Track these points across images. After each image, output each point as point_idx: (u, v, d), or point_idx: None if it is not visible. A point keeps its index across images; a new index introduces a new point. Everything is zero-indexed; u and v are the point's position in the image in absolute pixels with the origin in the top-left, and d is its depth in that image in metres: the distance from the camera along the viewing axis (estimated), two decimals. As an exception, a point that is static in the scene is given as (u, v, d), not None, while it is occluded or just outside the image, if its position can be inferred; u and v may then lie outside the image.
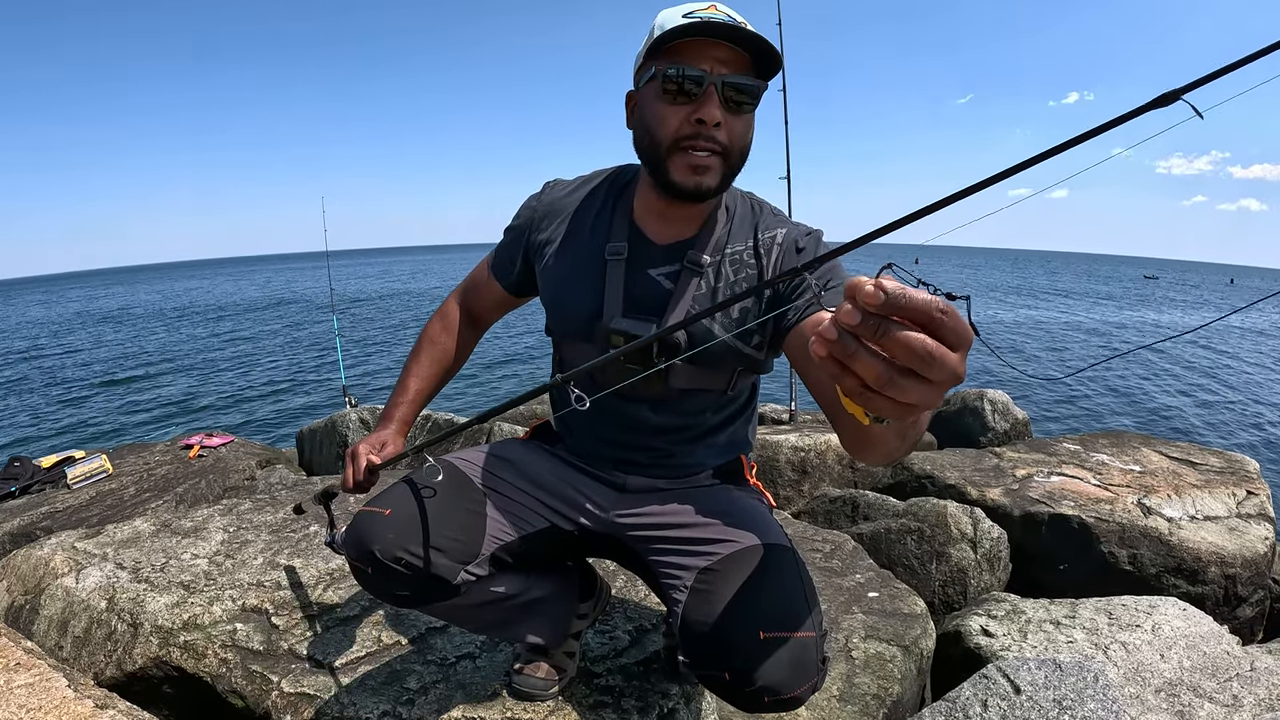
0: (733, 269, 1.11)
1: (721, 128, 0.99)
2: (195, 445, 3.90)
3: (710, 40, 0.97)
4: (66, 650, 1.65)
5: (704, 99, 0.98)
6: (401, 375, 1.34)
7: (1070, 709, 1.33)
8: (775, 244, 1.11)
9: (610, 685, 1.36)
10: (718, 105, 0.98)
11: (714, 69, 0.98)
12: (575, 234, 1.17)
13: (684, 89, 0.98)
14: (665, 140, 1.01)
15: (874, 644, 1.62)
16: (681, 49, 0.98)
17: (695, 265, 1.10)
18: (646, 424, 1.18)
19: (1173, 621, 1.77)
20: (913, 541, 2.42)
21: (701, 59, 0.98)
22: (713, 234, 1.12)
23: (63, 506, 3.16)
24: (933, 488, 2.87)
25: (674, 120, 1.00)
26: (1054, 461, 3.03)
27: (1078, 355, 17.13)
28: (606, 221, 1.15)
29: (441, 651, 1.47)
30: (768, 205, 1.19)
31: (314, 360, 16.26)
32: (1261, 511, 2.61)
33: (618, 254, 1.12)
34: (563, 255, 1.17)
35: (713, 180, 1.02)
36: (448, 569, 1.06)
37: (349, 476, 1.18)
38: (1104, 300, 35.87)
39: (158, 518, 2.24)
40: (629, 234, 1.13)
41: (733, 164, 1.04)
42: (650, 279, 1.11)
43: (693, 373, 1.12)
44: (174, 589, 1.74)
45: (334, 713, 1.31)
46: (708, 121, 0.98)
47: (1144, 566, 2.36)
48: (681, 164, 1.01)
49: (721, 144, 1.01)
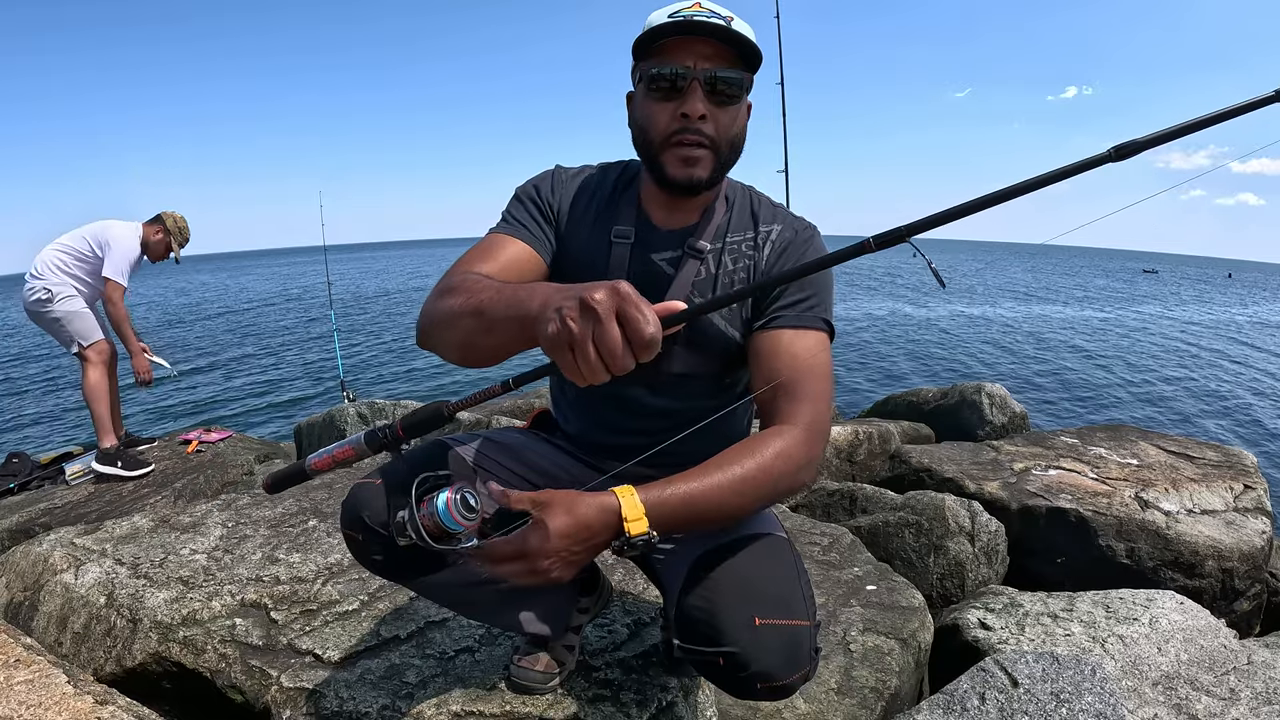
0: (731, 258, 1.14)
1: (708, 120, 1.02)
2: (194, 440, 3.90)
3: (694, 37, 1.00)
4: (66, 646, 1.65)
5: (688, 94, 1.01)
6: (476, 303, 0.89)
7: (1068, 702, 1.34)
8: (770, 239, 1.15)
9: (609, 679, 1.36)
10: (700, 99, 1.01)
11: (697, 64, 1.01)
12: (584, 214, 1.19)
13: (670, 86, 1.02)
14: (657, 137, 1.05)
15: (872, 637, 1.63)
16: (667, 48, 1.02)
17: (696, 251, 1.13)
18: (644, 407, 1.20)
19: (1170, 615, 1.77)
20: (911, 535, 2.43)
21: (685, 56, 1.01)
22: (713, 222, 1.15)
23: (61, 502, 3.16)
24: (930, 481, 2.88)
25: (663, 117, 1.03)
26: (1052, 455, 3.04)
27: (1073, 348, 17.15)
28: (615, 205, 1.18)
29: (440, 645, 1.47)
30: (766, 198, 1.22)
31: (312, 355, 16.25)
32: (1259, 505, 2.62)
33: (624, 237, 1.15)
34: (572, 233, 1.19)
35: (703, 172, 1.05)
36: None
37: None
38: (1105, 294, 35.89)
39: (156, 513, 2.24)
40: (635, 219, 1.16)
41: (723, 155, 1.07)
42: (653, 262, 1.15)
43: (688, 357, 1.15)
44: (173, 584, 1.74)
45: (333, 707, 1.31)
46: (691, 115, 1.01)
47: (1141, 560, 2.37)
48: (673, 158, 1.05)
49: (709, 136, 1.03)
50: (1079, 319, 24.10)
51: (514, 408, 5.07)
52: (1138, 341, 19.18)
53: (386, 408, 3.95)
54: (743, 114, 1.07)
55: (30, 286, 3.31)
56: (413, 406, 3.81)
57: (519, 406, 5.12)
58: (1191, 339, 20.50)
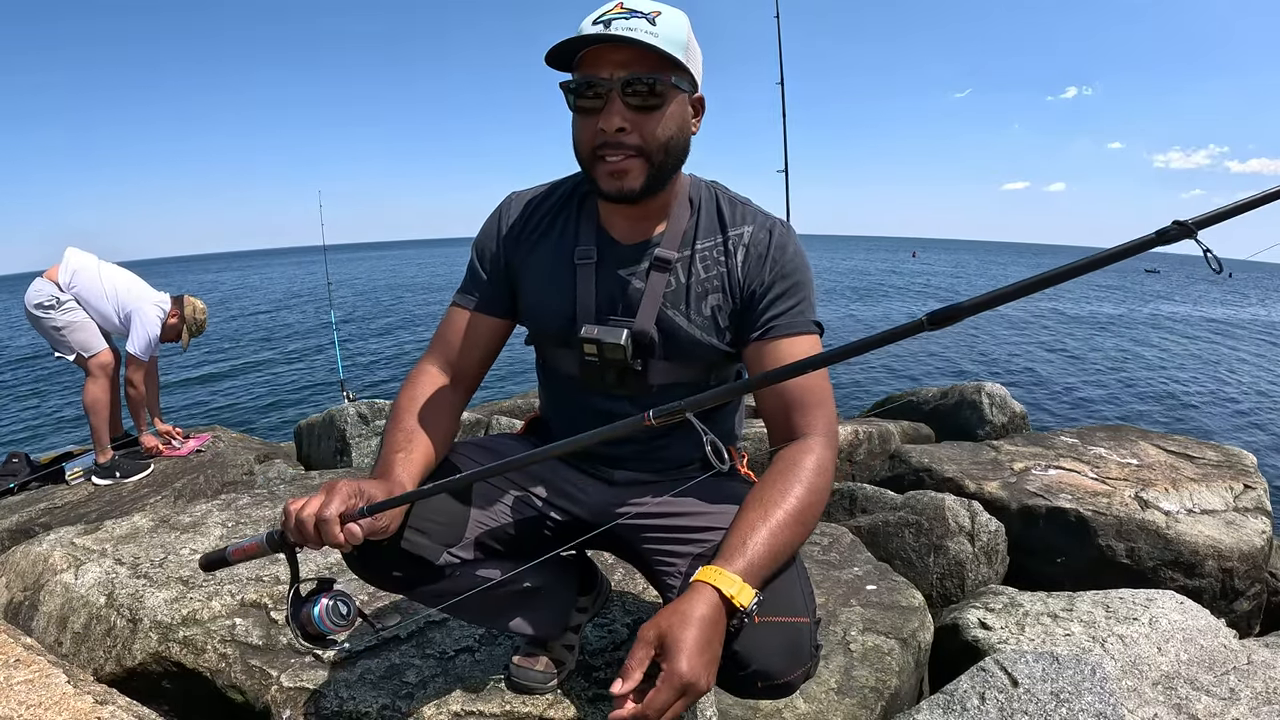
0: (703, 266, 1.11)
1: (631, 130, 0.99)
2: (162, 449, 3.72)
3: (606, 45, 0.96)
4: (66, 646, 1.65)
5: (606, 106, 0.98)
6: (385, 452, 1.08)
7: (1067, 701, 1.34)
8: (742, 243, 1.11)
9: (609, 679, 1.36)
10: (619, 111, 0.97)
11: (614, 73, 0.97)
12: (543, 243, 1.17)
13: (589, 99, 0.99)
14: (584, 152, 1.03)
15: (872, 637, 1.63)
16: (588, 57, 0.98)
17: (662, 262, 1.10)
18: (624, 419, 1.19)
19: (1170, 615, 1.77)
20: (910, 534, 2.43)
21: (602, 65, 0.97)
22: (679, 229, 1.12)
23: (61, 502, 3.16)
24: (930, 480, 2.87)
25: (587, 131, 1.01)
26: (1051, 455, 3.04)
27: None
28: (574, 227, 1.16)
29: (440, 645, 1.47)
30: (731, 195, 1.18)
31: (311, 354, 16.24)
32: (1259, 505, 2.62)
33: (587, 258, 1.12)
34: (534, 266, 1.17)
35: (635, 182, 1.02)
36: (430, 550, 1.07)
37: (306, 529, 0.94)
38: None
39: (156, 513, 2.24)
40: (596, 237, 1.14)
41: (658, 161, 1.02)
42: (621, 279, 1.12)
43: (668, 368, 1.14)
44: (173, 584, 1.74)
45: (333, 707, 1.31)
46: (608, 129, 0.98)
47: (1141, 560, 2.37)
48: (602, 172, 1.02)
49: (634, 145, 1.00)
50: (1080, 318, 24.10)
51: (513, 407, 5.07)
52: (1138, 341, 19.18)
53: (386, 408, 3.95)
54: (676, 115, 1.02)
55: (38, 289, 3.26)
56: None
57: (517, 406, 5.13)
58: (1192, 338, 20.50)
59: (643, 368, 1.12)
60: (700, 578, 0.88)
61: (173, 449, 3.74)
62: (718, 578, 0.87)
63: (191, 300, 3.66)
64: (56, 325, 3.28)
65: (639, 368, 1.11)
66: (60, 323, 3.28)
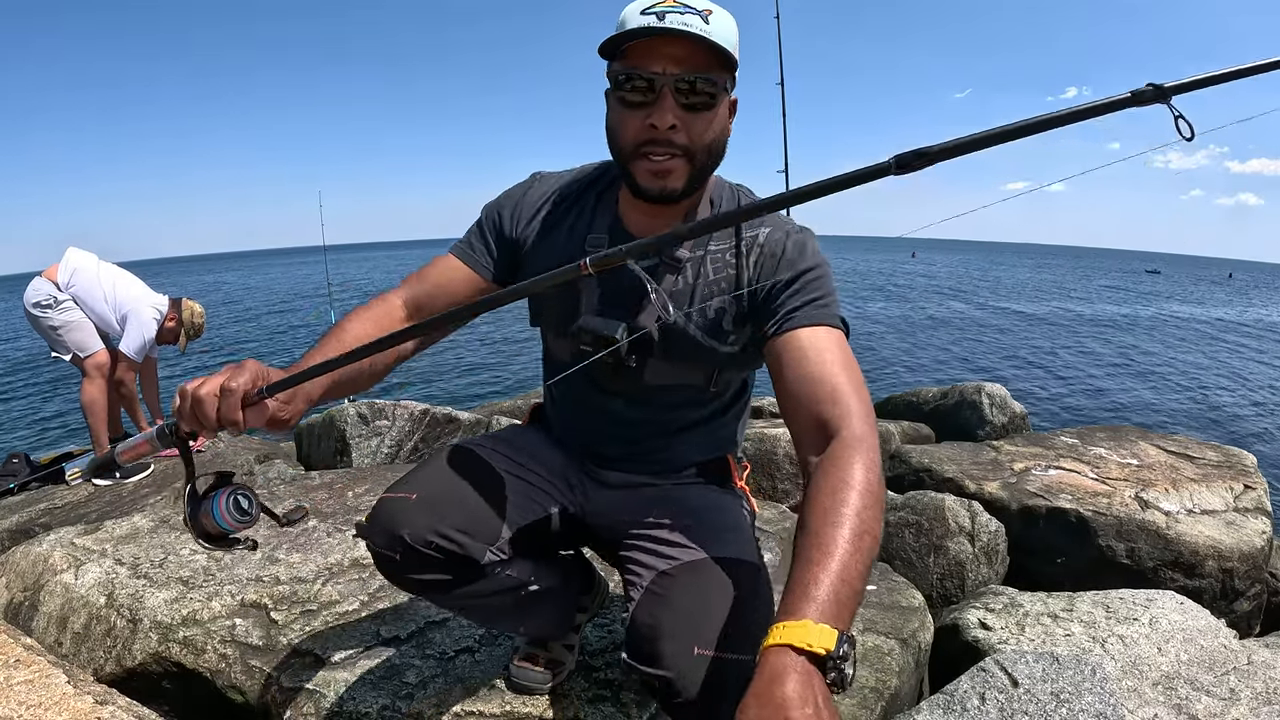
0: (713, 267, 1.09)
1: (679, 130, 0.97)
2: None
3: (663, 38, 0.93)
4: (66, 646, 1.65)
5: (657, 103, 0.95)
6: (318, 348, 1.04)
7: (1068, 702, 1.34)
8: (757, 244, 1.08)
9: (609, 679, 1.36)
10: (670, 109, 0.95)
11: (666, 68, 0.94)
12: (557, 226, 1.15)
13: (638, 93, 0.96)
14: (627, 147, 1.00)
15: (872, 637, 1.63)
16: (638, 48, 0.95)
17: (672, 261, 1.08)
18: (618, 417, 1.18)
19: (1170, 615, 1.77)
20: (910, 534, 2.43)
21: (654, 59, 0.94)
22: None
23: (61, 503, 3.15)
24: (930, 481, 2.87)
25: (632, 125, 0.98)
26: (1051, 455, 3.04)
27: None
28: (589, 214, 1.14)
29: (440, 645, 1.47)
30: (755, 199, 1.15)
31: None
32: (1259, 505, 2.62)
33: (597, 246, 1.09)
34: (544, 247, 1.15)
35: (677, 182, 1.00)
36: (477, 550, 1.06)
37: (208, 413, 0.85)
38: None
39: (156, 514, 2.24)
40: (610, 227, 1.11)
41: (700, 163, 1.01)
42: (628, 273, 1.06)
43: (668, 369, 1.12)
44: (173, 585, 1.74)
45: (333, 707, 1.31)
46: (660, 127, 0.96)
47: (1141, 560, 2.37)
48: (643, 169, 0.99)
49: (681, 145, 0.98)
50: (1080, 318, 24.10)
51: (513, 408, 5.07)
52: (1139, 341, 19.18)
53: (386, 408, 3.94)
54: (721, 117, 1.00)
55: (36, 288, 3.26)
56: (412, 405, 3.81)
57: (518, 407, 5.13)
58: (1193, 338, 20.50)
59: (639, 365, 1.10)
60: (772, 638, 0.71)
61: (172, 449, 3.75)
62: (794, 631, 0.71)
63: (189, 304, 3.67)
64: (53, 325, 3.28)
65: (633, 364, 1.09)
66: (57, 322, 3.28)
